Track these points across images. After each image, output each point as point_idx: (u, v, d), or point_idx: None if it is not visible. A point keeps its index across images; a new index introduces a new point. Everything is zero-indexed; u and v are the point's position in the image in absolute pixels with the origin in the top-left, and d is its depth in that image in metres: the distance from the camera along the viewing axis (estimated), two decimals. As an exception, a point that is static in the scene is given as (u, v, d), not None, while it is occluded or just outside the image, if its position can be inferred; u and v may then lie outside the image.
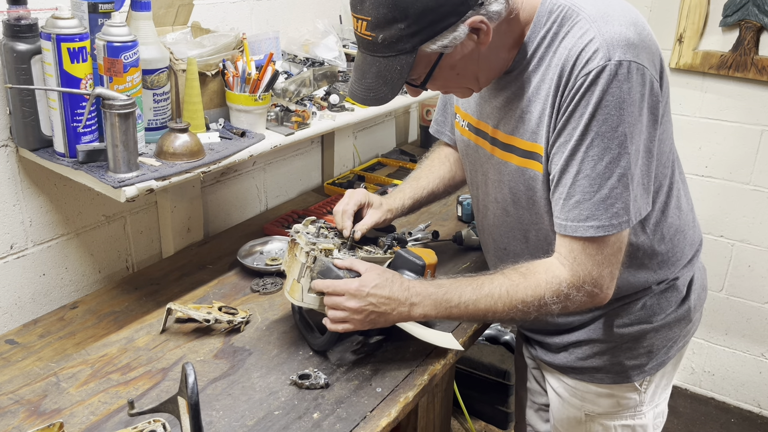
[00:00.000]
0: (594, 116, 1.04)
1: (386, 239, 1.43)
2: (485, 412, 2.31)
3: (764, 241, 2.56)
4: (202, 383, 1.23)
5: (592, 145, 1.05)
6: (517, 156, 1.18)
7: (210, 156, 1.42)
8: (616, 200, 1.06)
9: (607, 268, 1.11)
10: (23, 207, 1.45)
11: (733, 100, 2.45)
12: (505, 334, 2.38)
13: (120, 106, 1.25)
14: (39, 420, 1.14)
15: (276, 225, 1.87)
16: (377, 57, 1.07)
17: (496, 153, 1.23)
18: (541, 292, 1.12)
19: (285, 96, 1.77)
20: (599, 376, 1.30)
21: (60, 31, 1.23)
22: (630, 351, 1.27)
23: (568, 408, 1.37)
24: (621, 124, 1.04)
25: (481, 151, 1.28)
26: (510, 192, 1.22)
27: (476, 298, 1.15)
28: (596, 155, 1.06)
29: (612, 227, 1.07)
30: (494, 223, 1.30)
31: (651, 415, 1.34)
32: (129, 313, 1.47)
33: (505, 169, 1.21)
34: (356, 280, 1.19)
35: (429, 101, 2.54)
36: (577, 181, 1.07)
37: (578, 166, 1.07)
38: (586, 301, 1.13)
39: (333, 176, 2.29)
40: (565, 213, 1.10)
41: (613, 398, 1.31)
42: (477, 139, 1.30)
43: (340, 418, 1.16)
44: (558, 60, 1.08)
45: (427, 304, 1.17)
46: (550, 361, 1.37)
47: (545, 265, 1.14)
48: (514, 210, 1.23)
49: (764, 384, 2.75)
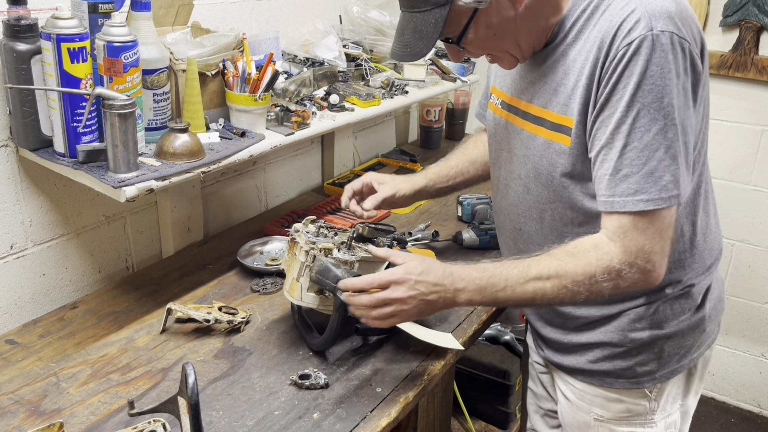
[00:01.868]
0: (639, 86, 1.03)
1: (386, 239, 1.43)
2: (485, 412, 2.31)
3: (764, 241, 2.56)
4: (202, 383, 1.23)
5: (639, 117, 1.04)
6: (547, 129, 1.17)
7: (210, 156, 1.42)
8: (665, 173, 1.04)
9: (658, 244, 1.07)
10: (23, 207, 1.45)
11: (733, 100, 2.45)
12: (505, 334, 2.38)
13: (120, 106, 1.25)
14: (39, 420, 1.14)
15: (276, 225, 1.87)
16: (414, 12, 1.10)
17: (527, 127, 1.22)
18: (592, 270, 1.08)
19: (285, 96, 1.77)
20: (609, 380, 1.28)
21: (60, 31, 1.23)
22: (641, 356, 1.25)
23: (577, 412, 1.36)
24: (666, 95, 1.03)
25: (511, 127, 1.27)
26: (533, 167, 1.21)
27: (524, 280, 1.11)
28: (643, 126, 1.04)
29: (662, 201, 1.05)
30: (514, 201, 1.28)
31: (662, 424, 1.31)
32: (129, 313, 1.47)
33: (533, 143, 1.20)
34: (400, 268, 1.13)
35: (429, 101, 2.54)
36: (624, 154, 1.05)
37: (625, 139, 1.05)
38: (639, 279, 1.09)
39: (333, 176, 2.29)
40: (612, 189, 1.07)
41: (623, 404, 1.29)
42: (508, 116, 1.29)
43: (340, 418, 1.16)
44: (598, 32, 1.08)
45: (471, 290, 1.12)
46: (560, 363, 1.35)
47: (594, 242, 1.11)
48: (535, 187, 1.22)
49: (764, 384, 2.75)
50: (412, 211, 2.04)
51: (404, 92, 2.05)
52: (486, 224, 1.83)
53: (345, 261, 1.28)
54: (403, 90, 2.05)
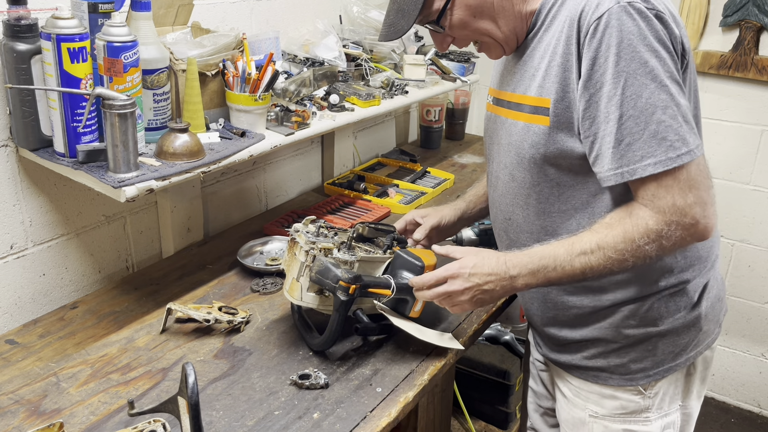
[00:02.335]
0: (619, 56, 1.04)
1: (386, 239, 1.43)
2: (485, 412, 2.31)
3: (764, 241, 2.56)
4: (202, 383, 1.23)
5: (627, 85, 1.05)
6: (526, 113, 1.20)
7: (210, 156, 1.42)
8: (667, 132, 1.05)
9: (691, 196, 1.06)
10: (23, 207, 1.45)
11: (733, 100, 2.45)
12: (505, 334, 2.38)
13: (120, 106, 1.25)
14: (39, 420, 1.14)
15: (276, 225, 1.87)
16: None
17: (509, 115, 1.25)
18: (630, 235, 1.10)
19: (285, 96, 1.77)
20: (603, 377, 1.29)
21: (60, 31, 1.23)
22: (634, 353, 1.26)
23: (573, 408, 1.37)
24: (649, 59, 1.04)
25: (499, 119, 1.30)
26: (516, 153, 1.23)
27: (570, 257, 1.14)
28: (634, 94, 1.05)
29: (670, 161, 1.05)
30: (502, 192, 1.31)
31: (659, 424, 1.31)
32: (129, 313, 1.47)
33: (514, 129, 1.23)
34: (455, 263, 1.21)
35: (429, 101, 2.54)
36: (622, 125, 1.06)
37: (619, 110, 1.06)
38: (685, 235, 1.09)
39: (333, 176, 2.29)
40: (618, 160, 1.08)
41: (617, 400, 1.30)
42: (497, 109, 1.32)
43: (340, 418, 1.16)
44: (568, 12, 1.11)
45: (525, 274, 1.17)
46: (557, 360, 1.37)
47: (628, 209, 1.12)
48: (519, 173, 1.24)
49: (764, 384, 2.75)
50: (412, 211, 2.04)
51: (404, 92, 2.05)
52: (486, 224, 1.83)
53: (345, 261, 1.28)
54: (403, 90, 2.05)
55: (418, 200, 2.08)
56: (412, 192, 2.17)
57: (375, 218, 1.95)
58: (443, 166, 2.45)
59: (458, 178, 2.32)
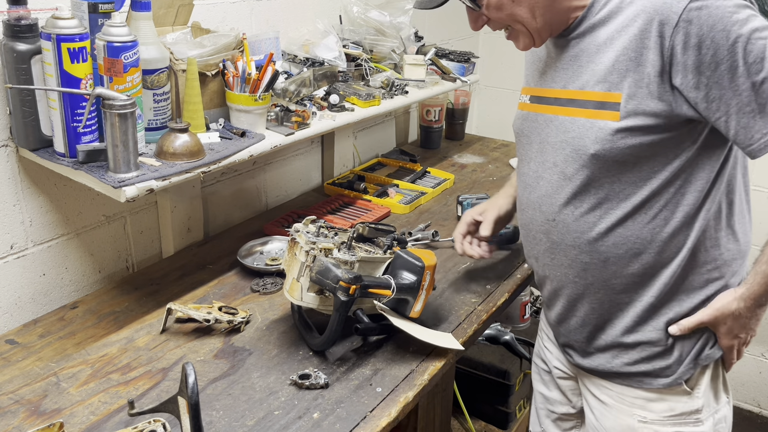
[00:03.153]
0: (724, 27, 1.03)
1: (386, 240, 1.43)
2: (485, 412, 2.31)
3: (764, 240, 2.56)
4: (202, 383, 1.23)
5: (747, 50, 1.03)
6: (589, 109, 1.17)
7: (210, 156, 1.42)
8: None
9: None
10: (23, 207, 1.45)
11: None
12: (505, 334, 2.38)
13: (120, 106, 1.25)
14: (39, 420, 1.14)
15: (276, 225, 1.87)
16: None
17: (562, 112, 1.22)
18: None
19: (285, 96, 1.77)
20: (648, 381, 1.27)
21: (60, 31, 1.23)
22: (678, 352, 1.24)
23: (618, 415, 1.33)
24: (754, 13, 1.04)
25: (542, 117, 1.27)
26: (572, 150, 1.19)
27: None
28: (757, 55, 1.04)
29: None
30: (547, 192, 1.26)
31: (711, 422, 1.28)
32: (129, 313, 1.47)
33: (572, 126, 1.20)
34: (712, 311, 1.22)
35: (429, 101, 2.54)
36: (759, 89, 1.05)
37: (748, 79, 1.05)
38: None
39: (333, 176, 2.29)
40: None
41: (665, 402, 1.27)
42: (537, 108, 1.29)
43: (340, 417, 1.16)
44: (637, 7, 1.10)
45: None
46: (592, 368, 1.33)
47: None
48: (573, 171, 1.20)
49: (764, 384, 2.75)
50: (412, 210, 2.04)
51: (404, 92, 2.05)
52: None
53: (345, 261, 1.28)
54: (403, 90, 2.05)
55: (418, 200, 2.08)
56: (412, 192, 2.17)
57: (375, 218, 1.95)
58: (443, 166, 2.45)
59: (458, 178, 2.32)
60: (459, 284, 1.62)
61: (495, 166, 2.47)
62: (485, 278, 1.65)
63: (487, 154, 2.61)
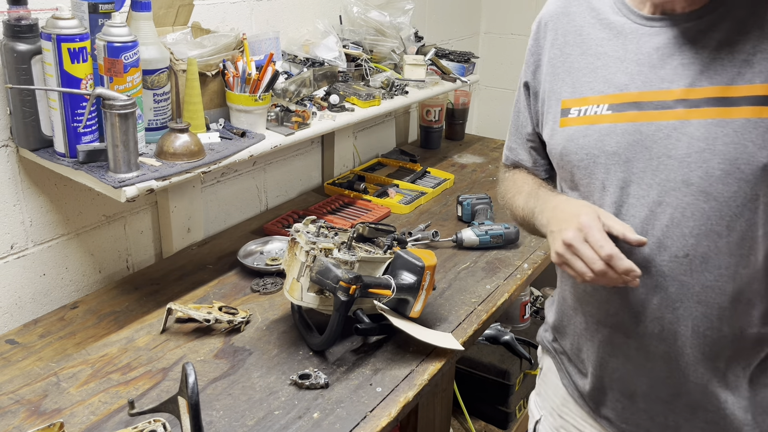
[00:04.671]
0: None
1: (386, 240, 1.43)
2: (485, 412, 2.31)
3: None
4: (202, 383, 1.23)
5: None
6: (748, 106, 0.95)
7: (210, 156, 1.42)
8: None
9: None
10: (23, 207, 1.45)
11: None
12: (505, 334, 2.38)
13: (120, 107, 1.25)
14: (39, 420, 1.14)
15: (276, 225, 1.87)
16: None
17: (699, 115, 0.98)
18: None
19: (285, 96, 1.77)
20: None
21: (60, 32, 1.23)
22: None
23: None
24: None
25: (657, 126, 1.01)
26: (725, 160, 0.95)
27: None
28: None
29: None
30: (675, 221, 0.99)
31: None
32: (129, 313, 1.47)
33: (722, 131, 0.96)
34: None
35: (429, 101, 2.54)
36: None
37: None
38: None
39: (333, 176, 2.29)
40: None
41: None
42: (640, 116, 1.02)
43: (340, 417, 1.16)
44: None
45: None
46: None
47: None
48: (724, 187, 0.96)
49: (764, 384, 2.74)
50: (412, 210, 2.04)
51: (404, 92, 2.05)
52: (486, 224, 1.83)
53: (345, 261, 1.28)
54: (403, 90, 2.05)
55: (418, 200, 2.08)
56: (412, 192, 2.17)
57: (375, 218, 1.95)
58: (443, 167, 2.45)
59: (458, 178, 2.32)
60: (459, 284, 1.62)
61: (495, 166, 2.47)
62: (485, 278, 1.66)
63: (487, 154, 2.62)
